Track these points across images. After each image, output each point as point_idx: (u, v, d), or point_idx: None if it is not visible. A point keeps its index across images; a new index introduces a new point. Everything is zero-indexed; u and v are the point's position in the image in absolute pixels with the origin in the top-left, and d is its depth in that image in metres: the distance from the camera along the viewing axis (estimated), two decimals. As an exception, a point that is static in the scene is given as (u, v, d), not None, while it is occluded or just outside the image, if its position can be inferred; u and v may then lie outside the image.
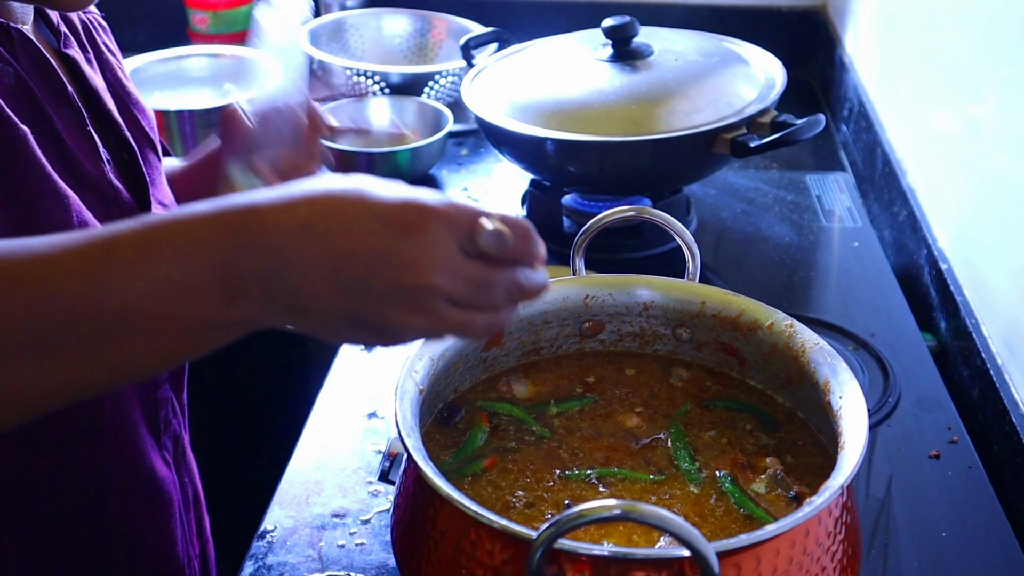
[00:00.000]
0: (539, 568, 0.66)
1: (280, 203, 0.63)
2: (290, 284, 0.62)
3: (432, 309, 0.63)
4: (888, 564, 1.01)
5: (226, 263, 0.62)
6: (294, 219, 0.62)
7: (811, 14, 2.18)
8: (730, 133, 1.34)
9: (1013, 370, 1.18)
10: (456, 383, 0.94)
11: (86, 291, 0.61)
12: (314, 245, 0.62)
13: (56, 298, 0.61)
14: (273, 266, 0.62)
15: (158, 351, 0.64)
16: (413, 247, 0.62)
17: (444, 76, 1.90)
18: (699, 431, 0.91)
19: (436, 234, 0.62)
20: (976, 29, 1.38)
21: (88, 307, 0.61)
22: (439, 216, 0.63)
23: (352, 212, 0.63)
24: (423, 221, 0.62)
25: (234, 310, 0.63)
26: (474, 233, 0.64)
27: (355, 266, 0.62)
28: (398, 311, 0.63)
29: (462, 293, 0.64)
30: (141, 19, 2.30)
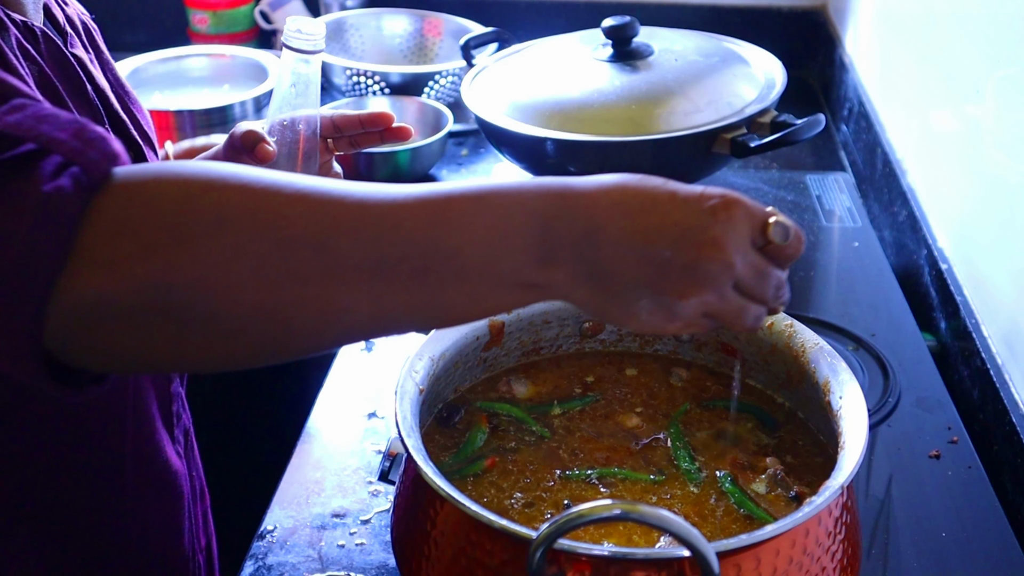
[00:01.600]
0: (539, 568, 0.66)
1: (594, 183, 0.69)
2: (600, 251, 0.67)
3: (722, 288, 0.69)
4: (888, 564, 1.01)
5: (544, 225, 0.67)
6: (608, 196, 0.68)
7: (811, 14, 2.18)
8: (730, 133, 1.34)
9: (1013, 370, 1.18)
10: (456, 383, 0.94)
11: (427, 228, 0.66)
12: (626, 218, 0.68)
13: (401, 228, 0.66)
14: (586, 232, 0.67)
15: (472, 298, 0.68)
16: (718, 227, 0.68)
17: (444, 76, 1.90)
18: (699, 431, 0.91)
19: (737, 220, 0.69)
20: (976, 29, 1.38)
21: (426, 241, 0.66)
22: (740, 205, 0.70)
23: (662, 195, 0.69)
24: (727, 207, 0.69)
25: (544, 271, 0.68)
26: (766, 225, 0.71)
27: (664, 240, 0.67)
28: (696, 285, 0.68)
29: (747, 278, 0.70)
30: (141, 19, 2.30)
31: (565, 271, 0.68)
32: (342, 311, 0.66)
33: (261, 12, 2.22)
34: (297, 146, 1.04)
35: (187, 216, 0.63)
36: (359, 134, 1.10)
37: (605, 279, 0.68)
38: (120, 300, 0.62)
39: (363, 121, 1.09)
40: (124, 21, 2.29)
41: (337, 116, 1.09)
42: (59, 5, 0.93)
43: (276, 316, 0.65)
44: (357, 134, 1.10)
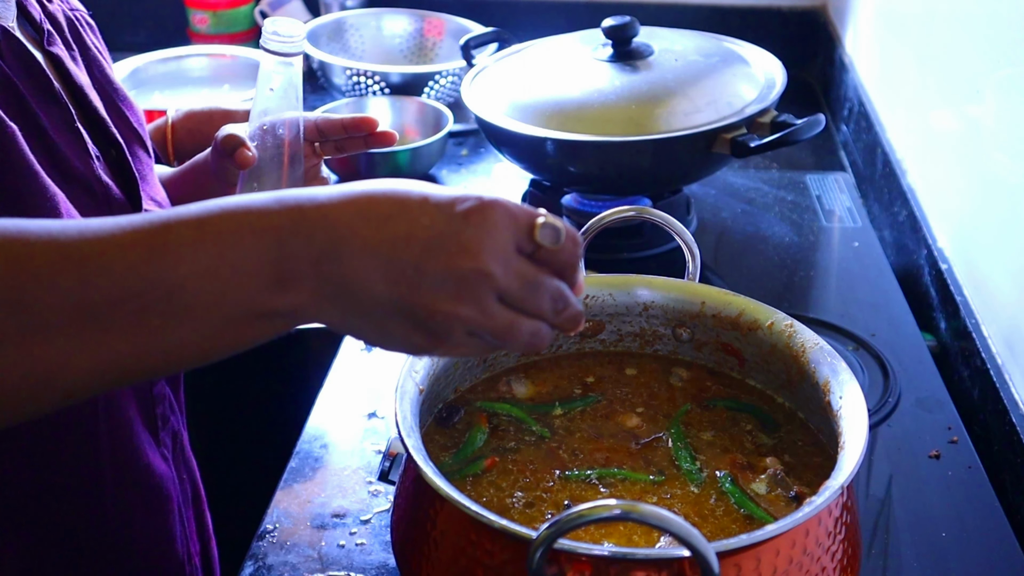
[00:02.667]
0: (539, 568, 0.66)
1: (337, 193, 0.63)
2: (344, 266, 0.62)
3: (482, 300, 0.62)
4: (888, 564, 1.01)
5: (279, 245, 0.62)
6: (352, 205, 0.62)
7: (811, 14, 2.18)
8: (730, 133, 1.34)
9: (1013, 370, 1.18)
10: (456, 383, 0.94)
11: (140, 266, 0.61)
12: (370, 228, 0.62)
13: (110, 271, 0.60)
14: (327, 247, 0.62)
15: (203, 336, 0.63)
16: (472, 232, 0.62)
17: (444, 76, 1.90)
18: (699, 431, 0.91)
19: (495, 224, 0.63)
20: (976, 29, 1.38)
21: (140, 281, 0.61)
22: (499, 208, 0.64)
23: (411, 200, 0.63)
24: (483, 210, 0.63)
25: (283, 296, 0.62)
26: (532, 228, 0.64)
27: (412, 250, 0.62)
28: (449, 299, 0.62)
29: (513, 289, 0.63)
30: (141, 19, 2.30)
31: (307, 292, 0.62)
32: (55, 369, 0.61)
33: (261, 12, 2.22)
34: (281, 151, 1.03)
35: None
36: (343, 139, 1.09)
37: (353, 297, 0.62)
38: None
39: (346, 126, 1.07)
40: (124, 21, 2.29)
41: (320, 120, 1.07)
42: (39, 3, 0.93)
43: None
44: (341, 139, 1.09)
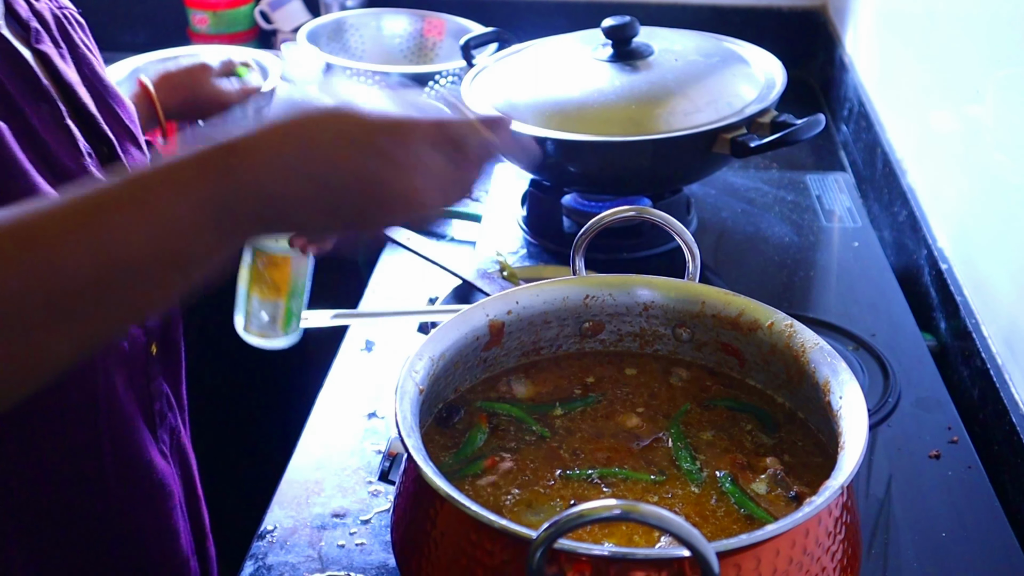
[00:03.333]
0: (539, 568, 0.66)
1: (256, 135, 0.69)
2: (282, 214, 0.69)
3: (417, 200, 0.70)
4: (888, 564, 1.01)
5: (216, 205, 0.66)
6: (273, 153, 0.68)
7: (811, 14, 2.18)
8: (730, 133, 1.34)
9: (1013, 370, 1.18)
10: (456, 383, 0.94)
11: (89, 252, 0.64)
12: (293, 180, 0.68)
13: (63, 268, 0.63)
14: (263, 205, 0.68)
15: (167, 289, 0.68)
16: (385, 166, 0.69)
17: (444, 76, 1.90)
18: (699, 431, 0.91)
19: (409, 144, 0.70)
20: (976, 29, 1.38)
21: (95, 267, 0.64)
22: (409, 129, 0.70)
23: (326, 136, 0.69)
24: (395, 135, 0.70)
25: (231, 242, 0.69)
26: (440, 129, 0.72)
27: (335, 191, 0.69)
28: (392, 214, 0.71)
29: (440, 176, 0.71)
30: (141, 19, 2.30)
31: (254, 234, 0.71)
32: (38, 356, 0.65)
33: (261, 12, 2.22)
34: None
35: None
36: None
37: (298, 227, 0.73)
38: None
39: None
40: (124, 21, 2.29)
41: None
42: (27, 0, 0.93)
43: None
44: None
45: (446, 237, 1.61)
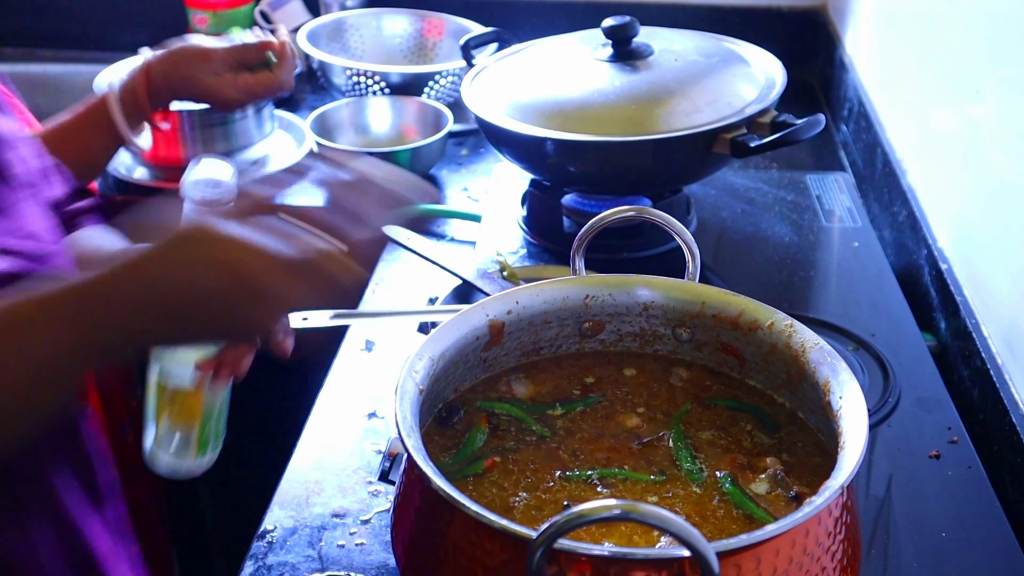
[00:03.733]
0: (539, 568, 0.66)
1: (126, 269, 0.75)
2: (145, 337, 0.77)
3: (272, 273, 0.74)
4: (888, 564, 1.01)
5: (84, 336, 0.74)
6: (142, 282, 0.74)
7: (811, 14, 2.18)
8: (730, 133, 1.34)
9: (1013, 370, 1.18)
10: (456, 383, 0.94)
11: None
12: (150, 311, 0.74)
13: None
14: (129, 333, 0.75)
15: (35, 402, 0.77)
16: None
17: (444, 76, 1.90)
18: (699, 431, 0.91)
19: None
20: (976, 29, 1.38)
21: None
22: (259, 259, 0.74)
23: (183, 259, 0.75)
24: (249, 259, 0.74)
25: (100, 363, 0.81)
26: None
27: (191, 312, 0.75)
28: (266, 319, 0.79)
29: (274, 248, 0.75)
30: (141, 19, 2.30)
31: (125, 352, 0.81)
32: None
33: (261, 12, 2.22)
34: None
35: None
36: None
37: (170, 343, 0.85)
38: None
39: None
40: (124, 21, 2.29)
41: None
42: None
43: None
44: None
45: (446, 237, 1.61)
